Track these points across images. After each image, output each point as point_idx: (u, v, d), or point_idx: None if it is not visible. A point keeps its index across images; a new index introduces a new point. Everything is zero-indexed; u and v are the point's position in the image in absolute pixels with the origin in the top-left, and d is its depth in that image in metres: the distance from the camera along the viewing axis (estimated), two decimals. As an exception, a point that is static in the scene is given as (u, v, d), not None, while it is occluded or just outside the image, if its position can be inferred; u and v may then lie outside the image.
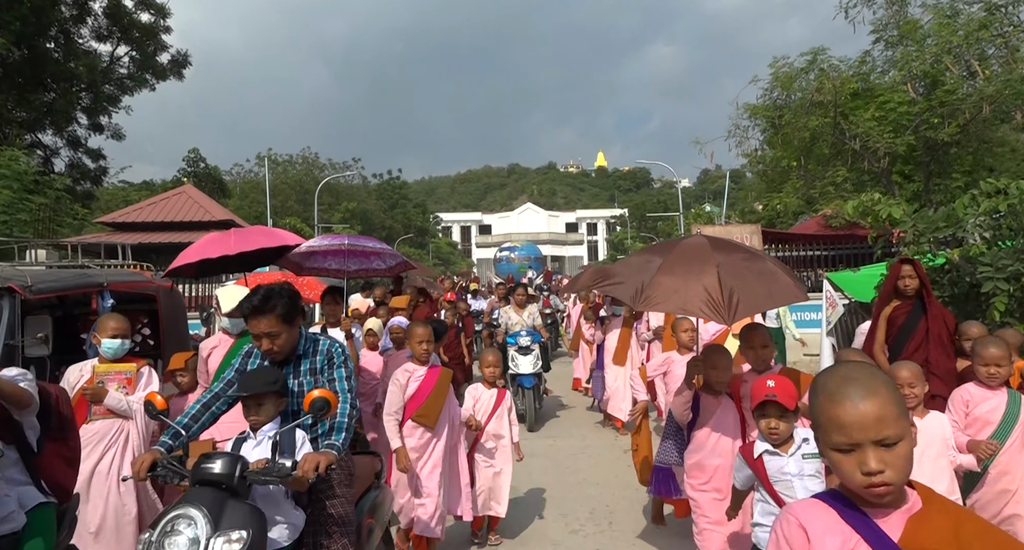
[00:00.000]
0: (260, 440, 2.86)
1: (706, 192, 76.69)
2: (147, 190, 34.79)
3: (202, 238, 5.80)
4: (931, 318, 4.89)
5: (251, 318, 2.88)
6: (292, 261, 6.02)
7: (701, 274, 3.40)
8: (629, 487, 6.18)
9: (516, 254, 40.22)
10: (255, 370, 3.03)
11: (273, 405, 2.88)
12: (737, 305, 3.26)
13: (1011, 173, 14.66)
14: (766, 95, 15.68)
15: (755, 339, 3.72)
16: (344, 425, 2.89)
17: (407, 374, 4.48)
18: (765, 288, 3.47)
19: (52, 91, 22.08)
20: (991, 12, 12.65)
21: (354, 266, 6.45)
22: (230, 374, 3.12)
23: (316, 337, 3.16)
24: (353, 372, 3.14)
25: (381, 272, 6.61)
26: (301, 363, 3.08)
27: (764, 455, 2.99)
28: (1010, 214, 6.69)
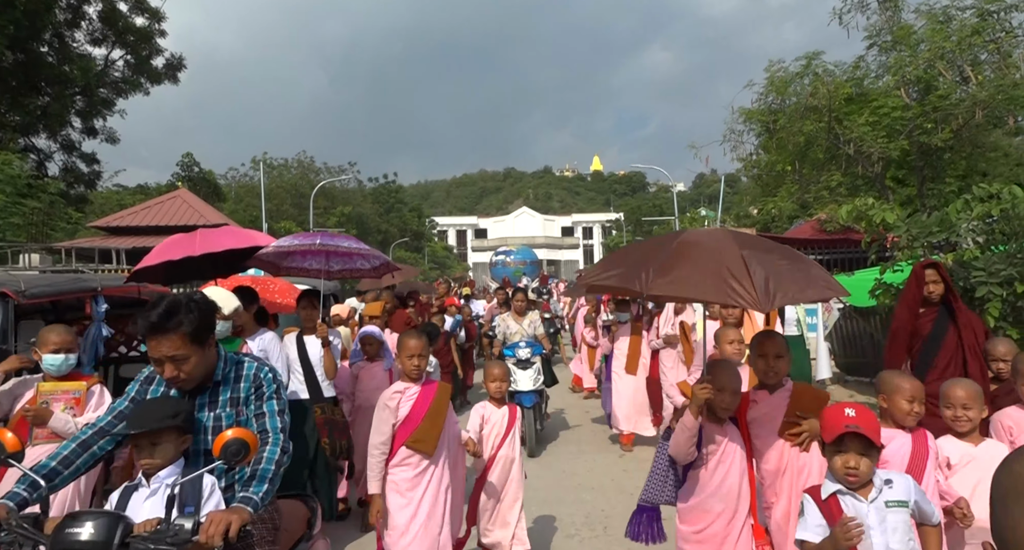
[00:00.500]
0: (155, 490, 2.25)
1: (701, 196, 76.88)
2: (142, 194, 34.68)
3: (166, 240, 5.43)
4: (962, 326, 4.41)
5: (150, 337, 2.30)
6: (267, 261, 5.55)
7: (722, 260, 2.72)
8: (624, 492, 6.17)
9: (512, 258, 40.28)
10: (151, 401, 2.47)
11: (173, 444, 2.31)
12: (775, 293, 2.59)
13: (1004, 178, 14.75)
14: (761, 99, 15.76)
15: (768, 347, 3.12)
16: (269, 474, 2.29)
17: (398, 396, 3.79)
18: (800, 281, 2.81)
19: (46, 95, 22.03)
20: (983, 18, 12.75)
21: (337, 266, 5.97)
22: (122, 404, 2.50)
23: (240, 359, 2.60)
24: (287, 405, 2.57)
25: (365, 273, 6.11)
26: (220, 391, 2.50)
27: (840, 497, 2.41)
28: (1003, 219, 6.73)
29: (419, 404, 3.79)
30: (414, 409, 3.77)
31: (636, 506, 3.47)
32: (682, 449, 3.02)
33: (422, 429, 3.74)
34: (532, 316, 8.21)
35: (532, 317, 8.18)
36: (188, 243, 5.00)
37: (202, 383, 2.48)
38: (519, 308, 8.24)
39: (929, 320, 4.55)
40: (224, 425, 2.42)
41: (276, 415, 2.49)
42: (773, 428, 3.06)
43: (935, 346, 4.43)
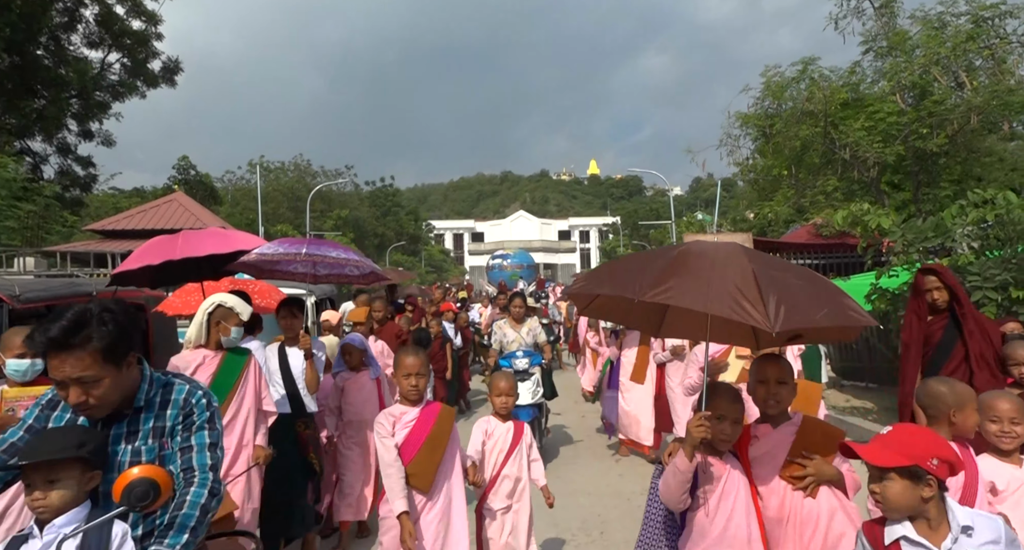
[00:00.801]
0: (49, 542, 1.81)
1: (698, 200, 77.11)
2: (138, 197, 34.63)
3: (148, 242, 5.09)
4: (967, 334, 4.15)
5: (50, 356, 1.89)
6: (250, 263, 5.18)
7: (726, 274, 2.41)
8: (620, 496, 6.16)
9: (508, 262, 40.23)
10: (52, 429, 2.04)
11: (76, 482, 1.87)
12: (782, 311, 2.26)
13: (999, 183, 14.82)
14: (758, 104, 15.82)
15: (769, 371, 2.65)
16: (191, 521, 1.88)
17: (391, 419, 3.39)
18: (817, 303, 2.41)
19: (42, 98, 21.98)
20: (978, 24, 12.83)
21: (324, 271, 5.64)
22: (15, 435, 2.04)
23: (169, 380, 2.16)
24: (221, 437, 2.18)
25: (354, 279, 5.81)
26: (141, 420, 2.06)
27: (903, 544, 1.95)
28: (998, 224, 6.76)
29: (416, 432, 3.36)
30: (410, 438, 3.35)
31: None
32: (674, 495, 2.54)
33: (418, 462, 3.33)
34: (531, 323, 7.55)
35: (531, 324, 7.53)
36: (170, 246, 4.75)
37: (119, 409, 2.03)
38: (517, 314, 7.56)
39: (939, 327, 4.32)
40: (144, 461, 2.00)
41: (206, 450, 2.05)
42: (775, 468, 2.61)
43: (943, 355, 4.21)
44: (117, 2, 23.12)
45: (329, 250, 4.98)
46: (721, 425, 2.53)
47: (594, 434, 8.89)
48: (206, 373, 3.96)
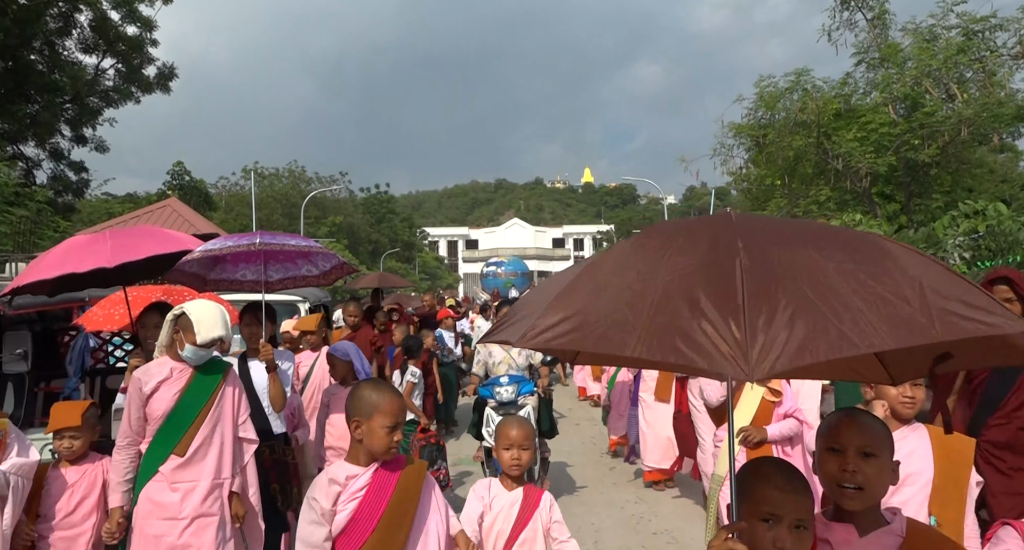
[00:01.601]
0: None
1: (692, 209, 77.38)
2: (131, 203, 34.50)
3: (63, 243, 4.26)
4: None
5: None
6: (190, 273, 4.34)
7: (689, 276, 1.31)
8: (614, 505, 6.16)
9: (503, 269, 40.25)
10: None
11: None
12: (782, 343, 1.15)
13: (989, 194, 14.95)
14: (751, 114, 15.94)
15: (851, 437, 1.66)
16: None
17: (336, 489, 2.24)
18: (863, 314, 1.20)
19: (36, 103, 21.91)
20: (969, 37, 12.98)
21: (277, 275, 4.72)
22: None
23: None
24: None
25: (313, 280, 4.86)
26: None
27: None
28: (989, 235, 6.81)
29: (368, 504, 2.24)
30: (359, 513, 2.23)
31: None
32: None
33: (374, 544, 2.23)
34: None
35: None
36: (97, 249, 3.93)
37: None
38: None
39: None
40: None
41: None
42: None
43: (1006, 382, 3.30)
44: (112, 8, 23.10)
45: (287, 238, 4.18)
46: (771, 533, 1.50)
47: (587, 442, 8.87)
48: (172, 390, 3.30)
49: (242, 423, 3.53)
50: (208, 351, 3.40)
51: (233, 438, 3.47)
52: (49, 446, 4.26)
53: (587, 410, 11.66)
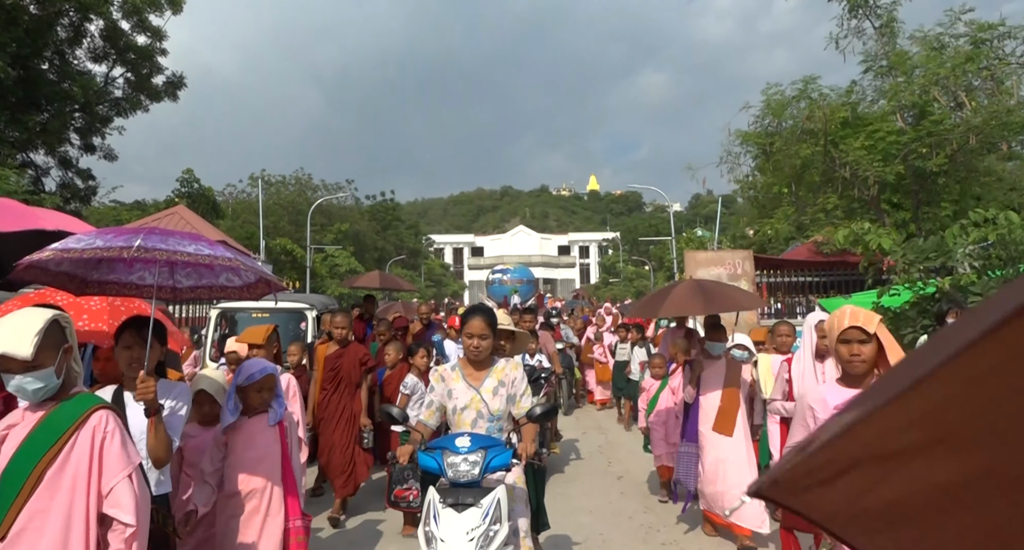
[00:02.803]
0: None
1: (698, 217, 77.27)
2: (139, 210, 34.69)
3: None
4: None
5: None
6: (59, 272, 3.31)
7: None
8: (621, 515, 6.12)
9: (508, 276, 40.13)
10: None
11: None
12: None
13: (998, 202, 14.87)
14: (757, 122, 15.91)
15: None
16: None
17: None
18: None
19: (46, 111, 22.09)
20: (977, 46, 12.94)
21: (188, 281, 3.74)
22: None
23: None
24: None
25: (235, 293, 3.78)
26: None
27: None
28: (999, 244, 6.77)
29: None
30: None
31: None
32: None
33: None
34: (508, 368, 3.58)
35: (509, 370, 3.57)
36: None
37: None
38: (478, 351, 3.53)
39: None
40: None
41: None
42: None
43: None
44: (122, 17, 23.30)
45: (184, 243, 2.88)
46: None
47: (593, 452, 8.83)
48: (18, 437, 2.32)
49: (108, 494, 2.32)
50: (34, 380, 2.29)
51: (87, 516, 2.27)
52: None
53: (594, 417, 11.62)
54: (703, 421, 5.34)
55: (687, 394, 5.55)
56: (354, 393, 6.12)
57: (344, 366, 6.03)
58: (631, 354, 10.55)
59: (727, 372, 5.28)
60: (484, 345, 3.42)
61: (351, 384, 6.08)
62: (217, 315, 8.96)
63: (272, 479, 3.41)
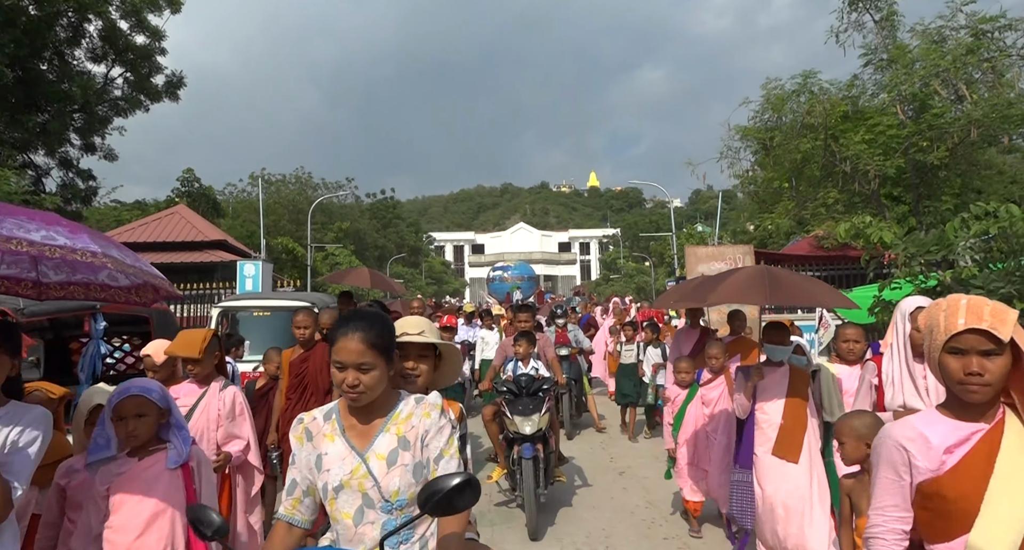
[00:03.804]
0: None
1: (698, 212, 77.21)
2: (139, 210, 34.72)
3: None
4: None
5: None
6: None
7: None
8: (624, 510, 6.13)
9: (509, 273, 40.24)
10: None
11: None
12: None
13: (999, 195, 14.86)
14: (757, 117, 15.90)
15: None
16: None
17: None
18: None
19: (45, 112, 22.09)
20: (977, 37, 12.92)
21: (58, 276, 3.22)
22: None
23: None
24: None
25: (118, 294, 3.22)
26: None
27: None
28: (1000, 237, 6.76)
29: None
30: None
31: None
32: None
33: None
34: (419, 414, 2.01)
35: (419, 417, 2.01)
36: None
37: None
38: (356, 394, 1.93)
39: None
40: None
41: None
42: None
43: None
44: (121, 17, 23.28)
45: (27, 227, 2.20)
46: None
47: (596, 448, 8.84)
48: None
49: None
50: None
51: None
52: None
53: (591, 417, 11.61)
54: (760, 442, 4.32)
55: (740, 407, 4.50)
56: (323, 401, 4.82)
57: (310, 371, 5.11)
58: (643, 354, 9.42)
59: (791, 382, 4.31)
60: (368, 381, 1.88)
61: (319, 391, 5.07)
62: (219, 314, 8.87)
63: (171, 543, 2.56)
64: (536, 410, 5.69)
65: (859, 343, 4.39)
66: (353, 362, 1.87)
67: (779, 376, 4.36)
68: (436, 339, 2.58)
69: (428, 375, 2.57)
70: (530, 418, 5.64)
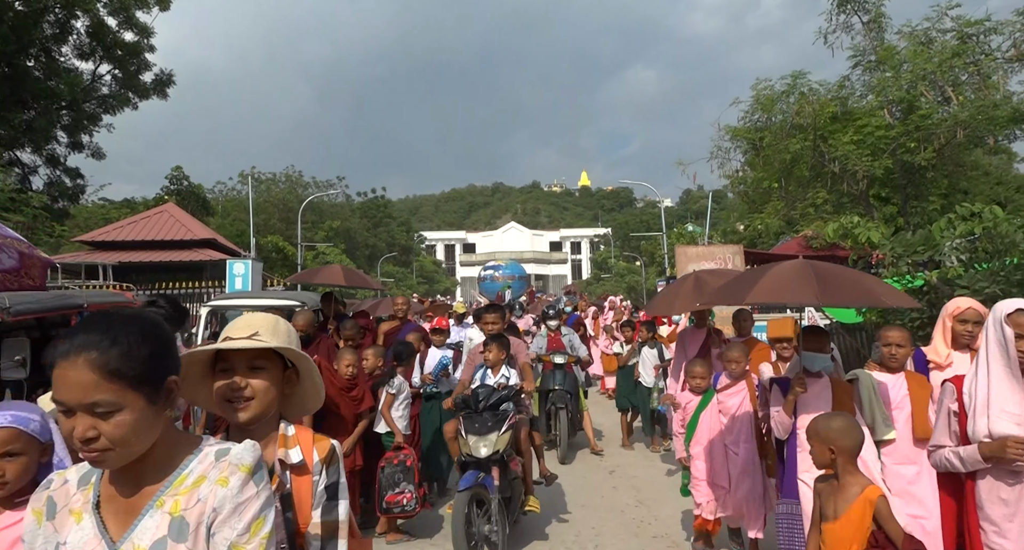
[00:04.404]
0: None
1: (688, 212, 77.49)
2: (128, 208, 34.46)
3: None
4: None
5: None
6: None
7: None
8: (614, 509, 6.15)
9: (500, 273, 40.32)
10: None
11: None
12: None
13: (985, 196, 15.03)
14: (747, 117, 15.99)
15: None
16: None
17: None
18: None
19: (32, 109, 21.91)
20: (963, 40, 13.05)
21: None
22: None
23: None
24: None
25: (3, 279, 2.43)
26: None
27: None
28: (985, 237, 6.84)
29: None
30: None
31: None
32: None
33: None
34: (212, 479, 1.28)
35: (212, 481, 1.28)
36: None
37: None
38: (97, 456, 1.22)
39: None
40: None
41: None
42: None
43: None
44: (109, 14, 23.12)
45: None
46: None
47: (584, 446, 8.86)
48: None
49: None
50: None
51: None
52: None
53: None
54: (806, 467, 3.54)
55: (780, 426, 3.85)
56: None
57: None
58: (639, 355, 8.69)
59: (835, 395, 3.70)
60: (113, 431, 1.19)
61: None
62: (208, 313, 8.81)
63: None
64: (495, 428, 4.76)
65: (903, 347, 3.70)
66: (80, 402, 1.18)
67: (820, 388, 3.73)
68: (280, 343, 1.74)
69: (266, 398, 1.71)
70: (486, 438, 4.73)
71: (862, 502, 2.64)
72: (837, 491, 2.75)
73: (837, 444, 2.75)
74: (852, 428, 2.82)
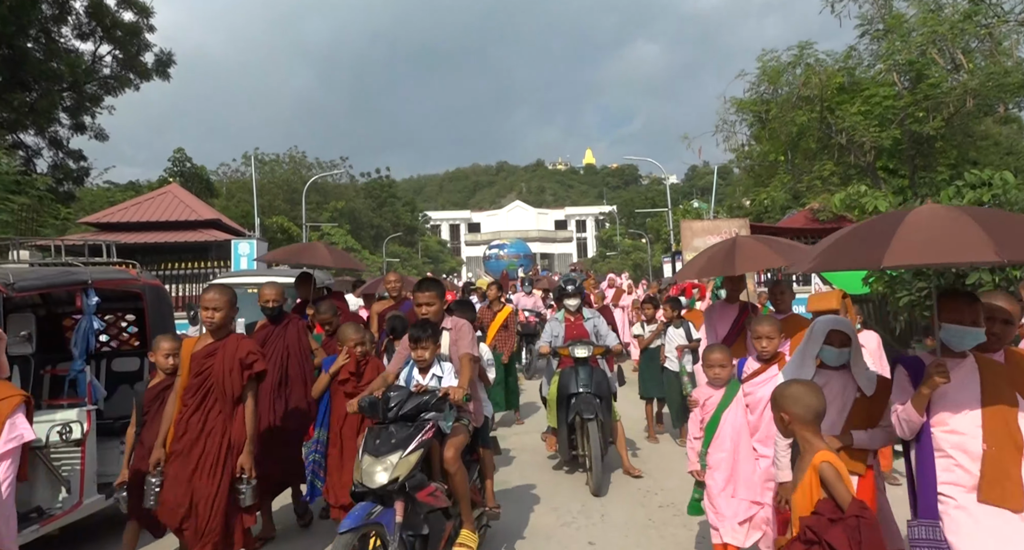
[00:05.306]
0: None
1: (694, 188, 77.02)
2: (132, 191, 34.49)
3: None
4: None
5: None
6: None
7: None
8: (620, 480, 6.18)
9: (506, 251, 40.30)
10: None
11: None
12: None
13: (994, 166, 14.84)
14: (753, 89, 15.80)
15: None
16: None
17: None
18: None
19: (34, 91, 21.83)
20: (975, 3, 12.80)
21: None
22: None
23: None
24: None
25: None
26: None
27: None
28: (994, 205, 6.76)
29: None
30: None
31: None
32: None
33: None
34: None
35: None
36: None
37: None
38: None
39: None
40: None
41: None
42: None
43: None
44: (107, -7, 22.92)
45: None
46: None
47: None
48: None
49: None
50: None
51: None
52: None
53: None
54: (948, 479, 2.66)
55: (906, 425, 2.75)
56: (229, 410, 3.93)
57: (215, 369, 3.91)
58: (664, 336, 7.77)
59: (985, 382, 2.64)
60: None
61: (225, 397, 3.91)
62: (212, 291, 8.83)
63: None
64: (399, 447, 3.58)
65: (1013, 325, 2.76)
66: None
67: (965, 373, 2.67)
68: None
69: None
70: (384, 459, 3.53)
71: (810, 469, 2.54)
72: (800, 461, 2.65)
73: (789, 411, 2.61)
74: (805, 394, 2.62)
